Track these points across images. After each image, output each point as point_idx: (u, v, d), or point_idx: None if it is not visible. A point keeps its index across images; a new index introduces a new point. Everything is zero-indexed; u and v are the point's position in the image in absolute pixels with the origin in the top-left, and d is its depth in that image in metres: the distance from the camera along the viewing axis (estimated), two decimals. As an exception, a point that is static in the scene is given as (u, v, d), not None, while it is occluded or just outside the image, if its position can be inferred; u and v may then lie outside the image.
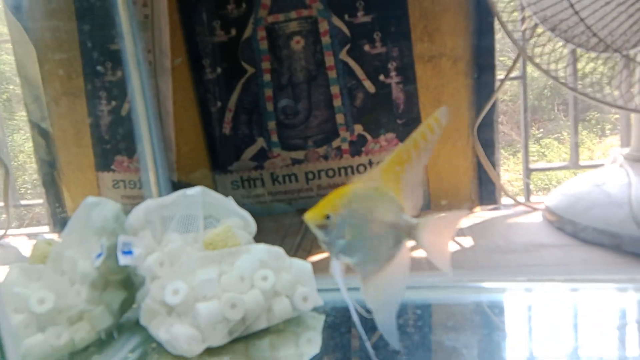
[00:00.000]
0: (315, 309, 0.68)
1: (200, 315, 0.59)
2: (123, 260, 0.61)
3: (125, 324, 0.67)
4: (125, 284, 0.66)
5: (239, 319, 0.61)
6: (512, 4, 0.95)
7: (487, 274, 0.76)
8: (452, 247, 0.88)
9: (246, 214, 0.73)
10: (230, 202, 0.73)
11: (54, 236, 1.20)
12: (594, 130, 2.61)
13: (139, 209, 0.65)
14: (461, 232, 0.92)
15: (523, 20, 0.94)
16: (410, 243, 0.54)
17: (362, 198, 0.52)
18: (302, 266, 0.68)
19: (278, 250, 0.68)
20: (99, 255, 0.61)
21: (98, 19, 1.09)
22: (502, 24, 0.92)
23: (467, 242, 0.88)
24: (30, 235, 1.26)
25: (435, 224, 0.54)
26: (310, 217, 0.51)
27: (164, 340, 0.60)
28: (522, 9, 0.92)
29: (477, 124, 1.04)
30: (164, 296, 0.60)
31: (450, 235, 0.57)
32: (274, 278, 0.64)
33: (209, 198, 0.71)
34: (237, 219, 0.72)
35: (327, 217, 0.50)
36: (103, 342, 0.63)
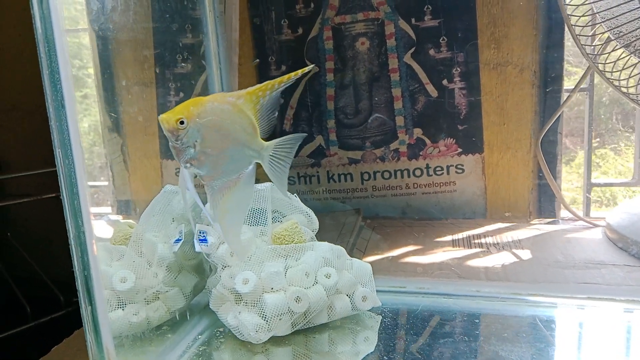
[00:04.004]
0: (372, 309, 0.70)
1: (267, 306, 0.63)
2: (199, 247, 0.65)
3: (196, 307, 0.71)
4: (197, 269, 0.70)
5: (303, 312, 0.64)
6: (583, 18, 0.93)
7: (544, 288, 0.76)
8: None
9: (310, 212, 0.76)
10: (295, 199, 0.76)
11: (118, 217, 1.27)
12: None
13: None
14: (519, 244, 0.92)
15: (595, 34, 0.92)
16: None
17: (219, 110, 0.53)
18: (363, 267, 0.70)
19: (340, 249, 0.70)
20: (177, 240, 0.65)
21: (172, 14, 1.15)
22: (574, 37, 0.90)
23: (525, 254, 0.88)
24: (95, 215, 1.33)
25: (277, 147, 0.56)
26: (164, 119, 0.51)
27: (232, 325, 0.64)
28: (595, 24, 0.90)
29: (542, 134, 1.02)
30: (235, 284, 0.64)
31: (289, 159, 0.58)
32: (337, 276, 0.66)
33: (277, 194, 0.74)
34: (301, 216, 0.75)
35: (181, 122, 0.51)
36: (175, 322, 0.67)
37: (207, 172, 0.54)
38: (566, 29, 1.02)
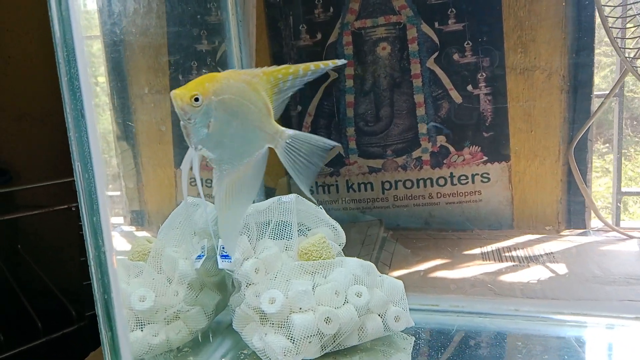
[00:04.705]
0: (404, 330, 0.66)
1: (296, 327, 0.59)
2: (222, 264, 0.61)
3: (218, 327, 0.67)
4: (219, 286, 0.67)
5: (333, 333, 0.60)
6: (619, 20, 0.89)
7: (587, 307, 0.71)
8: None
9: (336, 225, 0.72)
10: (321, 212, 0.72)
11: (131, 228, 1.24)
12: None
13: (238, 214, 0.65)
14: (553, 257, 0.87)
15: (633, 36, 0.88)
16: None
17: (234, 88, 0.48)
18: (394, 284, 0.66)
19: (370, 265, 0.66)
20: (200, 256, 0.62)
21: (187, 20, 1.12)
22: (611, 40, 0.86)
23: (560, 268, 0.83)
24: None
25: (302, 141, 0.52)
26: (177, 95, 0.47)
27: (257, 348, 0.60)
28: (636, 26, 0.86)
29: (574, 142, 0.98)
30: (260, 304, 0.60)
31: (320, 162, 0.54)
32: (368, 295, 0.62)
33: (302, 206, 0.70)
34: (327, 229, 0.71)
35: (196, 99, 0.46)
36: (197, 343, 0.63)
37: (217, 154, 0.49)
38: (596, 31, 0.98)
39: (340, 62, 0.55)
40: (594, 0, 0.91)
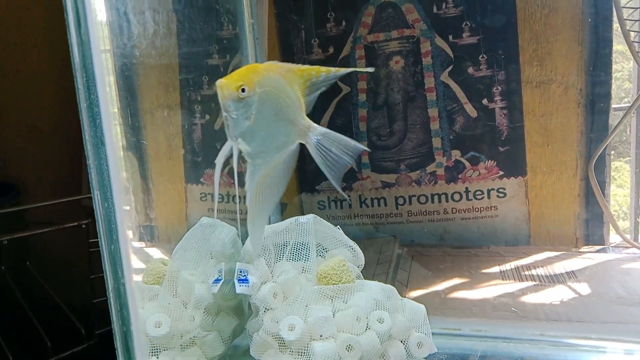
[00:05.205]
0: (428, 356, 0.64)
1: (317, 355, 0.57)
2: (240, 288, 0.60)
3: (234, 352, 0.65)
4: (236, 311, 0.65)
5: (354, 361, 0.58)
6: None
7: (615, 331, 0.69)
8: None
9: (355, 246, 0.70)
10: (339, 232, 0.70)
11: (141, 244, 1.22)
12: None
13: (255, 236, 0.63)
14: (574, 276, 0.85)
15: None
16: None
17: (274, 81, 0.48)
18: (416, 308, 0.64)
19: (391, 289, 0.64)
20: (217, 280, 0.60)
21: (198, 35, 1.11)
22: (633, 54, 0.85)
23: (583, 288, 0.81)
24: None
25: (333, 140, 0.52)
26: (224, 85, 0.45)
27: (277, 377, 0.58)
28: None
29: (595, 156, 0.96)
30: (279, 330, 0.58)
31: (350, 161, 0.54)
32: (390, 321, 0.60)
33: (320, 227, 0.68)
34: (345, 250, 0.69)
35: (242, 89, 0.45)
36: (213, 371, 0.62)
37: (254, 148, 0.48)
38: (614, 44, 0.97)
39: (368, 69, 0.55)
40: (614, 13, 0.90)
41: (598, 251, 0.98)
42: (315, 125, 0.53)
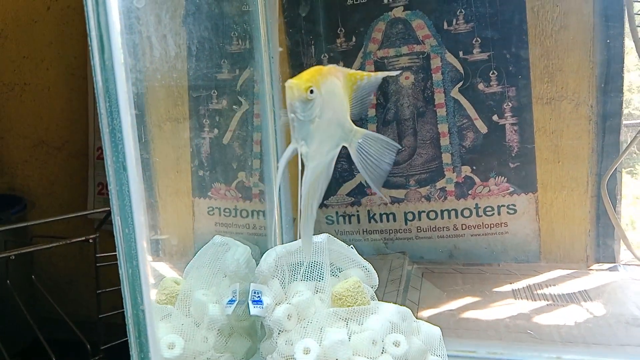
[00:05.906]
0: (444, 379, 0.63)
1: (333, 379, 0.56)
2: (254, 310, 0.59)
3: (247, 376, 0.64)
4: (249, 331, 0.64)
5: (371, 386, 0.57)
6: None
7: (634, 354, 0.68)
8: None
9: (369, 266, 0.69)
10: (352, 252, 0.69)
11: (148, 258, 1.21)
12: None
13: (270, 256, 0.63)
14: (587, 296, 0.84)
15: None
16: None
17: (333, 84, 0.48)
18: (431, 331, 0.63)
19: (406, 310, 0.63)
20: (231, 301, 0.59)
21: (207, 48, 1.11)
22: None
23: (597, 309, 0.80)
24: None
25: (372, 139, 0.52)
26: (294, 86, 0.45)
27: (292, 401, 0.57)
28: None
29: (609, 173, 0.95)
30: (294, 353, 0.57)
31: (390, 161, 0.54)
32: (406, 344, 0.59)
33: (334, 246, 0.68)
34: (359, 271, 0.68)
35: (311, 91, 0.45)
36: (227, 394, 0.61)
37: (313, 150, 0.49)
38: (626, 60, 0.97)
39: (394, 73, 0.52)
40: (626, 29, 0.90)
41: (610, 269, 0.98)
42: (357, 127, 0.53)
